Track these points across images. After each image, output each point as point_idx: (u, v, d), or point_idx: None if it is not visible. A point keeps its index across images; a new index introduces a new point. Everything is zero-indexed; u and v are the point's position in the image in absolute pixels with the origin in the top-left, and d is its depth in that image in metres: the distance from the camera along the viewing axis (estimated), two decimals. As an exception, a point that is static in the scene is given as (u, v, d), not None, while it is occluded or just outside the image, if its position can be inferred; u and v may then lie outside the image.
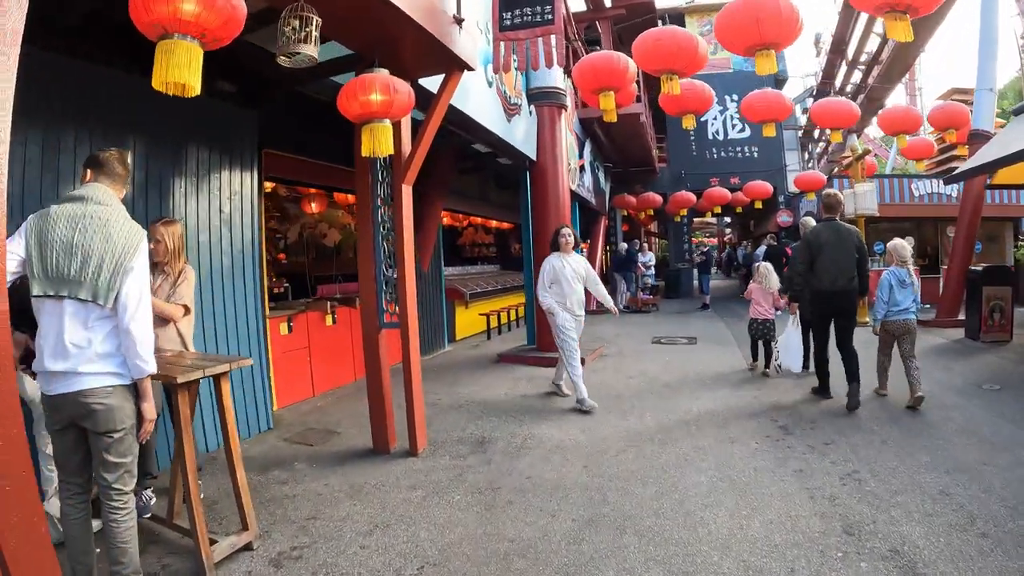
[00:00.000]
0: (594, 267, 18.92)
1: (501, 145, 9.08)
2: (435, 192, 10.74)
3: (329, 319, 8.74)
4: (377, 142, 4.62)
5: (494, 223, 19.30)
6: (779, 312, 8.66)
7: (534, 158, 10.11)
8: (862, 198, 14.28)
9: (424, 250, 10.83)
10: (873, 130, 32.29)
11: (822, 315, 7.11)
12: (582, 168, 14.60)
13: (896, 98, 35.41)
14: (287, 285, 12.55)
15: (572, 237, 7.55)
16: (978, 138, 13.16)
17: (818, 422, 6.37)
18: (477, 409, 7.27)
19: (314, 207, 13.22)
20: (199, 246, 6.10)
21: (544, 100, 10.15)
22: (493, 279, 15.23)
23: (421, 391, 5.91)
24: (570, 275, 7.36)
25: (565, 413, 7.02)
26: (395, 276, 5.66)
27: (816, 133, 35.48)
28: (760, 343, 8.80)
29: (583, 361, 9.21)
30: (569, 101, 11.13)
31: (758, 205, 20.09)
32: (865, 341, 7.65)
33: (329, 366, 8.65)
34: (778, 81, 24.92)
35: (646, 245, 20.33)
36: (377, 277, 5.76)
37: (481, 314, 13.17)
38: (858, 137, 31.23)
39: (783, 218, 23.17)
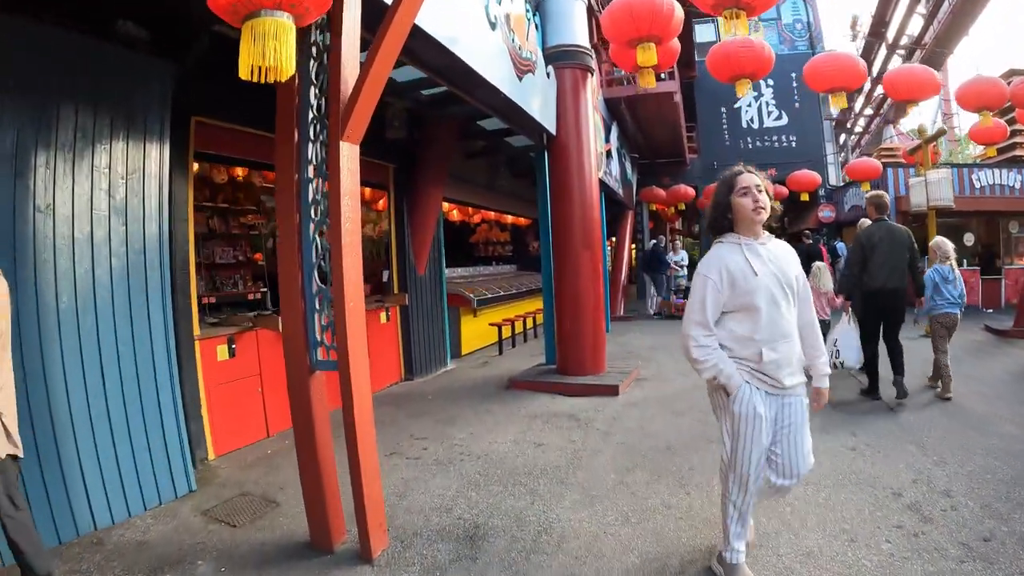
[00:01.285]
0: (621, 269, 16.90)
1: (510, 111, 6.93)
2: (433, 177, 8.66)
3: (290, 337, 6.71)
4: (265, 50, 2.51)
5: (510, 218, 17.24)
6: (835, 312, 8.20)
7: (553, 132, 7.99)
8: (935, 187, 12.02)
9: (420, 249, 8.77)
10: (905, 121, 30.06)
11: (873, 314, 6.97)
12: (609, 154, 12.47)
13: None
14: (265, 290, 10.68)
15: (765, 196, 3.17)
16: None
17: (954, 494, 4.27)
18: (474, 468, 5.15)
19: (297, 199, 11.26)
20: (73, 243, 4.23)
21: (565, 61, 8.02)
22: (507, 282, 13.13)
23: (376, 467, 3.77)
24: (772, 287, 3.09)
25: (598, 477, 4.90)
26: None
27: (850, 123, 33.38)
28: None
29: (616, 390, 7.19)
30: (591, 81, 8.98)
31: (804, 197, 17.87)
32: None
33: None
34: (814, 65, 22.60)
35: (678, 243, 18.10)
36: (306, 291, 3.67)
37: (491, 324, 11.11)
38: (893, 126, 29.25)
39: (825, 213, 21.01)
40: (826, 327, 7.94)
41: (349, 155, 3.42)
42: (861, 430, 5.79)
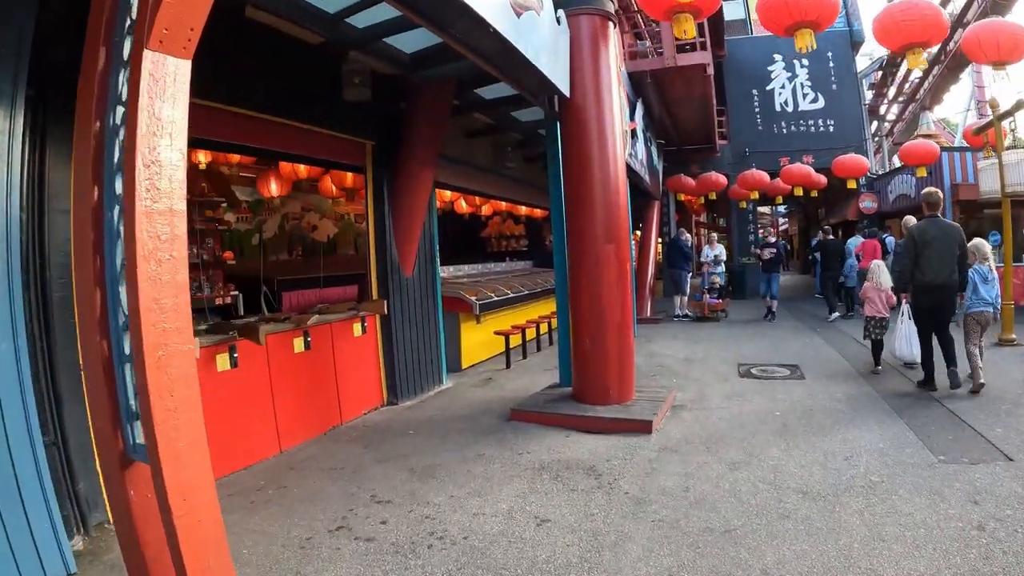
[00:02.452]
0: (647, 265, 15.19)
1: (508, 59, 5.13)
2: (422, 156, 7.02)
3: (223, 361, 5.15)
4: None
5: (524, 209, 15.62)
6: (893, 310, 8.15)
7: (566, 93, 6.24)
8: (1015, 170, 10.25)
9: (406, 245, 7.14)
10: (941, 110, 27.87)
11: (924, 307, 7.06)
12: (633, 134, 10.75)
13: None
14: (236, 293, 9.20)
15: None
16: None
17: None
18: (445, 564, 3.45)
19: (274, 189, 9.85)
20: None
21: (580, 5, 6.29)
22: (519, 281, 11.45)
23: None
24: None
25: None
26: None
27: (883, 109, 31.46)
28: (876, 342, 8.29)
29: (648, 426, 5.63)
30: (615, 35, 7.28)
31: (851, 184, 16.09)
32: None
33: (226, 435, 5.08)
34: (853, 44, 20.85)
35: (714, 236, 16.34)
36: (110, 324, 2.08)
37: (497, 332, 9.37)
38: (930, 111, 27.19)
39: (866, 203, 19.20)
40: (886, 323, 8.06)
41: (164, 75, 1.82)
42: (982, 493, 4.12)
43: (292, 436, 5.77)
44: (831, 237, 14.65)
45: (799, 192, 17.08)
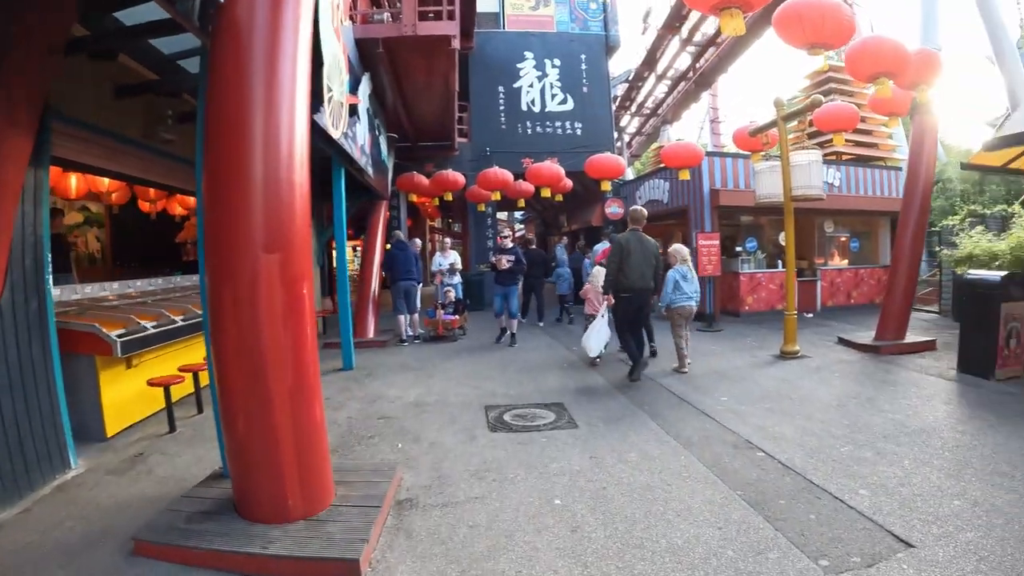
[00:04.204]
0: (370, 277, 13.31)
1: None
2: (11, 109, 4.58)
3: None
4: None
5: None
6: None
7: None
8: (803, 173, 10.03)
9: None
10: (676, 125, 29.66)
11: (627, 307, 8.55)
12: (353, 110, 8.82)
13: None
14: None
15: None
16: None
17: None
18: None
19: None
20: None
21: None
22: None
23: None
24: None
25: None
26: None
27: (625, 120, 32.90)
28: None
29: (354, 568, 3.76)
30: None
31: (605, 187, 15.83)
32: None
33: None
34: (608, 48, 21.16)
35: (447, 242, 14.92)
36: None
37: (151, 383, 6.60)
38: (671, 126, 28.71)
39: (612, 209, 19.68)
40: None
41: None
42: None
43: None
44: (533, 247, 15.62)
45: (546, 194, 16.46)
